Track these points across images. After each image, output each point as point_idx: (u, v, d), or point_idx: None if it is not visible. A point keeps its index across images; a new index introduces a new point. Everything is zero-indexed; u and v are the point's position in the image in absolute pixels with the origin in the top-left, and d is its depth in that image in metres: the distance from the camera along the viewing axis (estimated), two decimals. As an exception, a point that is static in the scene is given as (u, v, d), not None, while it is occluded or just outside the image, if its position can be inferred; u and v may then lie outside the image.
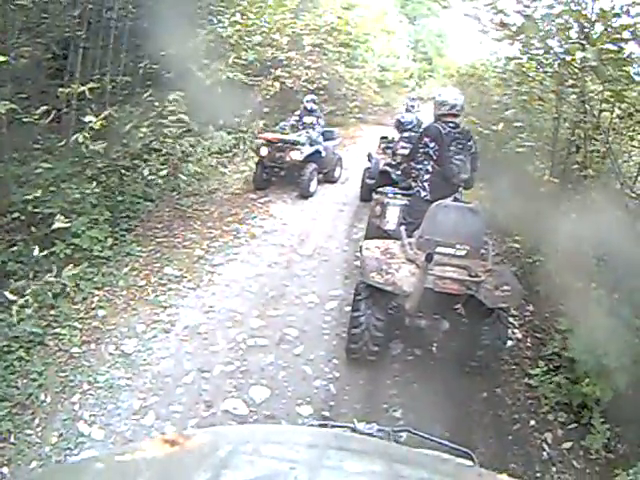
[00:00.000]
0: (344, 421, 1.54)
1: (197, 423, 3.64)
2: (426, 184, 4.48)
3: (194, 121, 6.95)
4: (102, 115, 4.85)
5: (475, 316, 4.22)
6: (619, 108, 4.88)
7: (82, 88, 5.03)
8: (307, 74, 10.58)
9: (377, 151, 8.18)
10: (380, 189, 5.37)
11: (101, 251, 5.47)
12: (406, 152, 6.52)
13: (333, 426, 1.62)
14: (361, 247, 4.39)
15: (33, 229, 4.92)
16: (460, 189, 4.67)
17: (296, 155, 8.29)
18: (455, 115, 4.54)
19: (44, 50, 5.53)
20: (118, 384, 4.01)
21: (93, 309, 4.92)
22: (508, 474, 1.03)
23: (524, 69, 6.77)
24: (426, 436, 1.73)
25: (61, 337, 4.41)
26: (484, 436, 3.90)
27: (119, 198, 6.23)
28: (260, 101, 8.84)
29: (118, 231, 6.03)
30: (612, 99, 4.51)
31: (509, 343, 4.88)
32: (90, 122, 4.81)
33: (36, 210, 4.92)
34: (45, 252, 4.31)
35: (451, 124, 4.47)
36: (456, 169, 4.39)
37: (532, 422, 4.08)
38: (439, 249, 3.95)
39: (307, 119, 9.12)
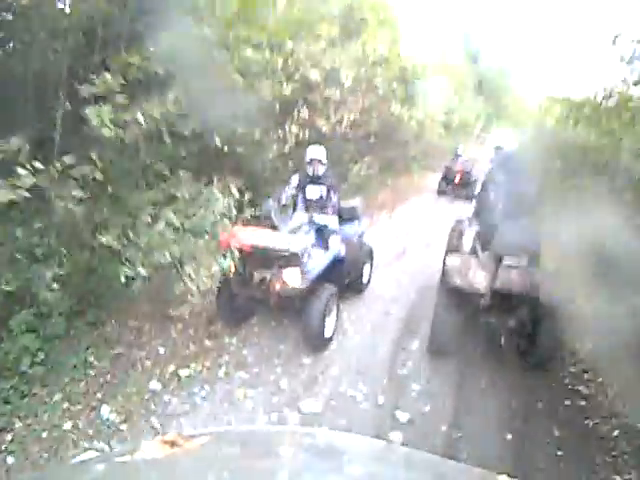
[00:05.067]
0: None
1: None
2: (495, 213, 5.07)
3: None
4: None
5: (534, 317, 4.75)
6: None
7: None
8: (349, 117, 8.71)
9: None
10: (458, 219, 6.26)
11: (31, 366, 3.94)
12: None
13: None
14: (445, 261, 5.04)
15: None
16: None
17: (294, 279, 4.57)
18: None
19: None
20: None
21: (1, 452, 3.48)
22: (508, 475, 1.03)
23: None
24: None
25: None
26: None
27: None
28: (271, 158, 6.87)
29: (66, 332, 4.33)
30: None
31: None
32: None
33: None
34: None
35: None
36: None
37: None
38: (505, 259, 4.55)
39: (311, 192, 5.48)
